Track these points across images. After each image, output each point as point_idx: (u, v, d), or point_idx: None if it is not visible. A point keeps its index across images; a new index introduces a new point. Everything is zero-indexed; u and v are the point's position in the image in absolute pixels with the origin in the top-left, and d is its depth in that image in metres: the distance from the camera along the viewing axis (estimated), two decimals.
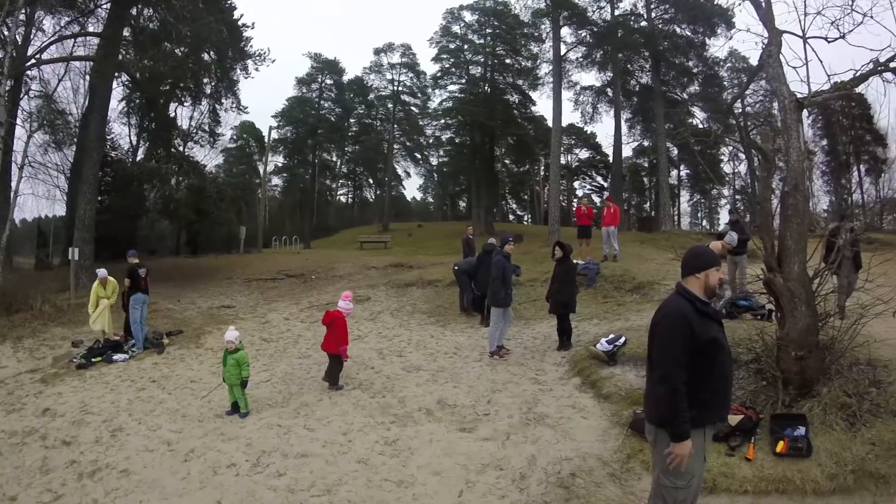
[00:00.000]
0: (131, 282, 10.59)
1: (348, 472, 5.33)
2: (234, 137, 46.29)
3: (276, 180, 49.71)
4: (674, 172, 46.12)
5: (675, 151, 39.71)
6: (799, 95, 6.57)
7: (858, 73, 6.54)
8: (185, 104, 26.60)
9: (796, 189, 6.13)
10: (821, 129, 43.57)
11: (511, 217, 56.89)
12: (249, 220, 32.99)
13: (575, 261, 11.34)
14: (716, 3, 29.24)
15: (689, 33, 31.93)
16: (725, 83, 36.65)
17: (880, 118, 41.29)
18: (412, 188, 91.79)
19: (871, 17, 6.58)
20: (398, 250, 27.47)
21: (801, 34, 6.75)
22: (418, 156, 49.32)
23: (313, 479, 5.24)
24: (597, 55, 32.59)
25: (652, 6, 31.59)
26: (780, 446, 5.15)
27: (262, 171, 42.04)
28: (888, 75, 6.58)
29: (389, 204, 48.13)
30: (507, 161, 46.73)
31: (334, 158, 51.31)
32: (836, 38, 6.78)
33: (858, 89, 7.28)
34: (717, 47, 32.47)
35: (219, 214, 24.57)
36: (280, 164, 47.90)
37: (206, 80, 23.73)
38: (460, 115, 36.72)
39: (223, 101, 26.91)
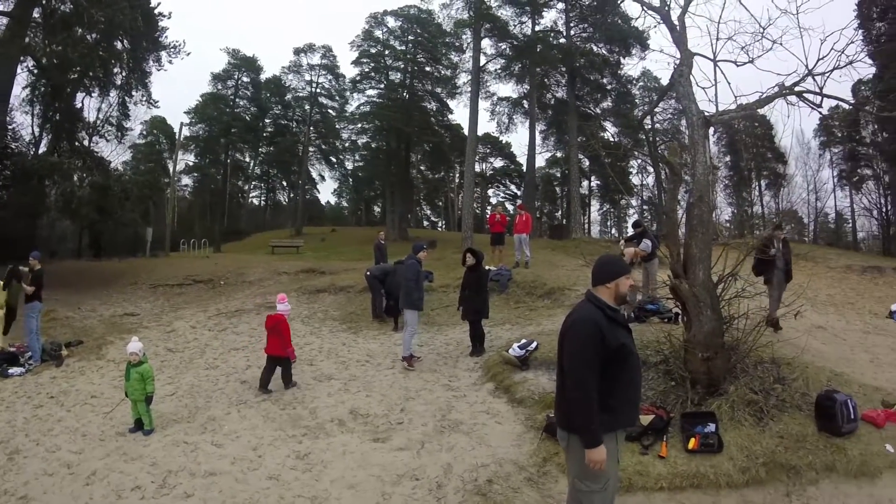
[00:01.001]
0: (36, 289, 9.61)
1: (259, 490, 5.09)
2: (144, 133, 44.40)
3: (186, 180, 48.20)
4: (585, 183, 47.99)
5: (587, 163, 41.25)
6: (707, 114, 6.98)
7: (764, 96, 7.00)
8: (93, 95, 25.03)
9: (701, 200, 6.45)
10: (726, 147, 46.98)
11: (426, 223, 57.31)
12: (157, 222, 31.54)
13: (487, 267, 11.50)
14: (632, 25, 30.59)
15: (605, 52, 33.27)
16: (637, 100, 38.64)
17: (782, 137, 44.82)
18: (326, 192, 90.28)
19: (781, 44, 7.07)
20: (311, 255, 26.98)
21: (711, 58, 7.20)
22: (333, 159, 48.54)
23: (223, 498, 4.97)
24: (515, 68, 33.36)
25: (571, 25, 32.73)
26: (692, 443, 5.36)
27: (171, 169, 39.73)
28: (792, 98, 7.04)
29: (303, 208, 47.08)
30: (422, 167, 47.10)
31: (247, 159, 50.03)
32: (746, 63, 7.28)
33: (764, 110, 7.79)
34: (631, 66, 34.07)
35: (124, 215, 22.93)
36: (191, 164, 46.39)
37: (116, 70, 22.49)
38: (378, 119, 36.42)
39: (133, 93, 25.56)
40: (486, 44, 31.48)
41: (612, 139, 34.67)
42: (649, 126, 39.03)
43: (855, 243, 42.11)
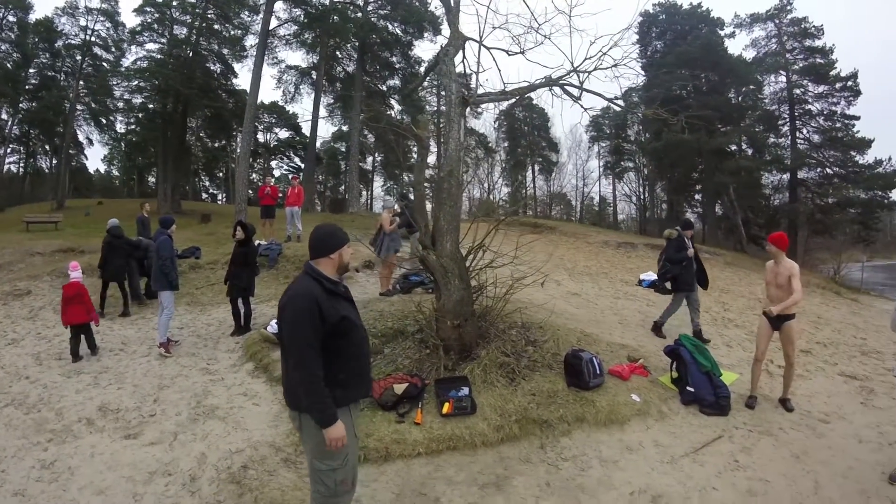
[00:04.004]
0: None
1: None
2: None
3: None
4: (369, 159, 48.32)
5: (373, 139, 41.55)
6: (466, 94, 7.22)
7: (530, 85, 7.43)
8: None
9: (451, 175, 6.69)
10: (505, 133, 51.16)
11: (204, 195, 53.46)
12: None
13: (257, 242, 10.98)
14: (429, 9, 31.14)
15: (399, 31, 33.45)
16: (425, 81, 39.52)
17: (554, 128, 50.25)
18: (96, 159, 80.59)
19: (550, 39, 7.51)
20: (71, 232, 23.47)
21: (483, 44, 7.54)
22: (104, 121, 41.48)
23: None
24: (308, 36, 32.18)
25: (370, 0, 32.31)
26: (446, 407, 5.57)
27: None
28: (557, 90, 7.55)
29: (67, 177, 40.69)
30: (202, 135, 43.21)
31: (4, 116, 41.24)
32: (517, 53, 7.67)
33: (548, 103, 8.31)
34: (422, 49, 34.82)
35: None
36: None
37: None
38: (155, 78, 32.50)
39: None
40: (280, 6, 29.80)
41: (399, 118, 35.16)
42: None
43: (616, 224, 49.08)
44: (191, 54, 33.22)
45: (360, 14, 31.92)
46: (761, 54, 35.21)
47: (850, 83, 32.41)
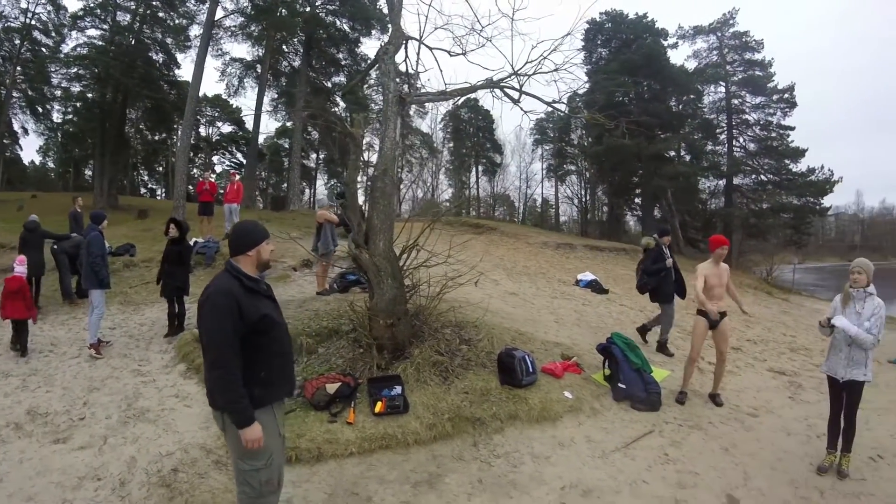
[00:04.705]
0: None
1: None
2: None
3: None
4: (313, 155, 47.63)
5: (316, 136, 41.02)
6: (403, 93, 7.23)
7: (470, 86, 7.49)
8: None
9: (385, 174, 6.68)
10: (450, 134, 51.49)
11: (143, 190, 51.54)
12: None
13: (194, 239, 10.73)
14: (378, 6, 30.84)
15: (346, 28, 33.09)
16: (371, 80, 39.24)
17: (499, 130, 50.86)
18: (31, 150, 76.93)
19: (491, 42, 7.56)
20: (1, 227, 22.54)
21: (425, 43, 7.52)
22: (41, 109, 39.70)
23: None
24: (254, 28, 31.33)
25: None
26: (379, 406, 5.55)
27: None
28: (497, 92, 7.62)
29: (0, 168, 38.83)
30: (142, 127, 41.64)
31: None
32: (459, 54, 7.66)
33: (489, 103, 8.36)
34: (369, 46, 34.44)
35: None
36: None
37: None
38: (96, 65, 30.69)
39: None
40: None
41: (344, 115, 34.80)
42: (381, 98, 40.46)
43: (557, 225, 50.14)
44: (133, 42, 31.70)
45: (308, 8, 31.34)
46: (702, 65, 36.56)
47: (786, 95, 33.95)
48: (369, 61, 33.63)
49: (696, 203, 36.56)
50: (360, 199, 8.34)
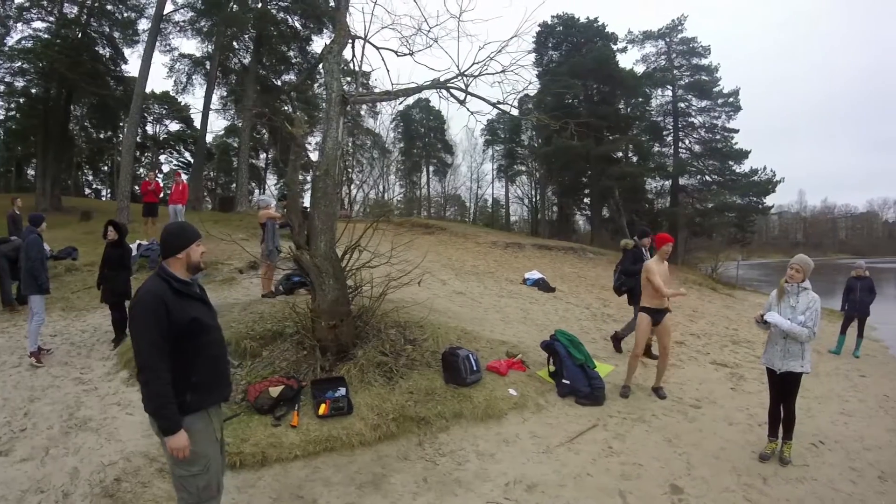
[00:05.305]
0: None
1: None
2: None
3: None
4: (263, 155, 46.84)
5: (267, 135, 40.38)
6: (347, 93, 7.23)
7: (416, 86, 7.53)
8: None
9: (327, 174, 6.64)
10: (401, 134, 51.55)
11: (87, 191, 49.63)
12: None
13: (138, 241, 10.49)
14: (330, 4, 30.42)
15: (298, 25, 32.55)
16: (322, 79, 38.76)
17: (450, 130, 51.17)
18: None
19: (438, 42, 7.61)
20: None
21: (371, 42, 7.46)
22: None
23: None
24: (204, 24, 30.48)
25: None
26: (323, 409, 5.52)
27: None
28: (444, 92, 7.67)
29: None
30: (87, 125, 40.13)
31: None
32: (407, 54, 7.66)
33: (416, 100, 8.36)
34: (320, 45, 33.92)
35: None
36: None
37: None
38: (41, 59, 29.19)
39: None
40: None
41: (297, 114, 34.27)
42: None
43: (508, 225, 50.82)
44: (80, 36, 30.32)
45: (259, 4, 30.71)
46: (651, 69, 37.37)
47: (731, 99, 35.13)
48: (318, 58, 33.35)
49: (643, 203, 37.42)
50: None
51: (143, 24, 29.96)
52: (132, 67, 34.53)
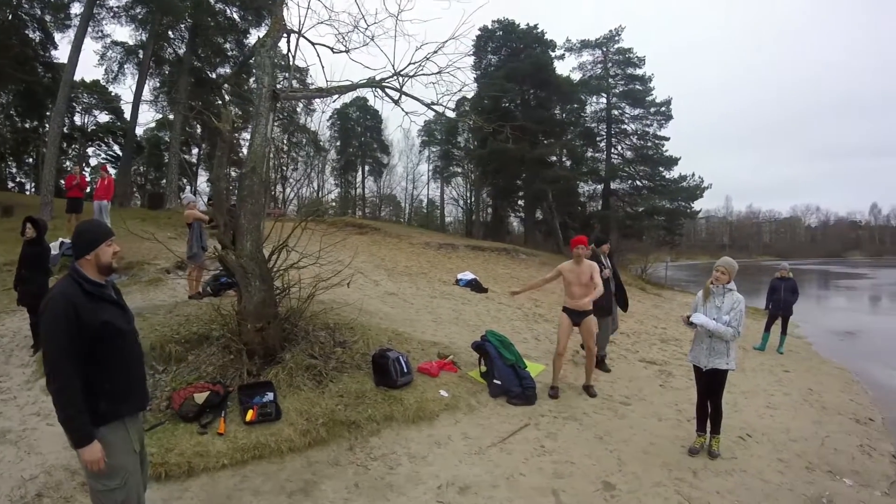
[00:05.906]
0: None
1: None
2: None
3: None
4: (195, 150, 45.39)
5: (200, 129, 39.25)
6: (278, 89, 7.09)
7: (351, 84, 7.44)
8: None
9: (254, 172, 6.49)
10: (338, 133, 51.14)
11: (10, 184, 46.74)
12: None
13: (61, 239, 10.01)
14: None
15: (236, 17, 31.82)
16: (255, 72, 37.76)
17: (387, 130, 51.08)
18: None
19: (374, 41, 7.49)
20: None
21: (306, 37, 7.34)
22: None
23: None
24: (139, 11, 29.13)
25: None
26: (250, 415, 5.37)
27: None
28: (379, 91, 7.63)
29: None
30: (12, 113, 37.78)
31: None
32: (342, 51, 7.53)
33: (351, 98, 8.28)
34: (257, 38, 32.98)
35: None
36: None
37: None
38: None
39: None
40: None
41: (223, 108, 33.23)
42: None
43: (443, 226, 51.27)
44: (10, 17, 28.58)
45: None
46: (587, 77, 38.57)
47: (663, 108, 36.60)
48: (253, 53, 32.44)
49: (575, 205, 38.55)
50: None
51: (76, 9, 28.14)
52: (62, 54, 32.46)
